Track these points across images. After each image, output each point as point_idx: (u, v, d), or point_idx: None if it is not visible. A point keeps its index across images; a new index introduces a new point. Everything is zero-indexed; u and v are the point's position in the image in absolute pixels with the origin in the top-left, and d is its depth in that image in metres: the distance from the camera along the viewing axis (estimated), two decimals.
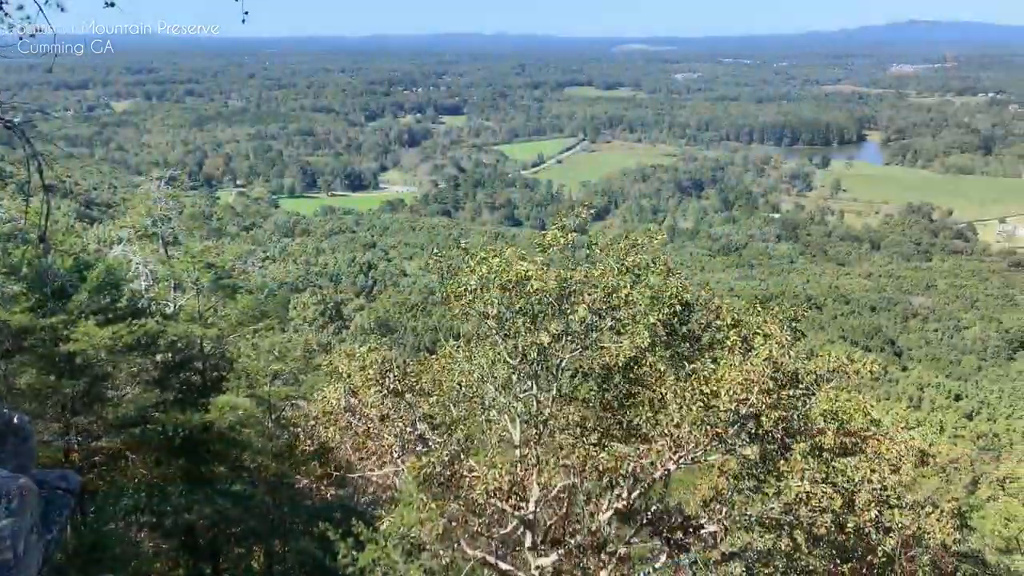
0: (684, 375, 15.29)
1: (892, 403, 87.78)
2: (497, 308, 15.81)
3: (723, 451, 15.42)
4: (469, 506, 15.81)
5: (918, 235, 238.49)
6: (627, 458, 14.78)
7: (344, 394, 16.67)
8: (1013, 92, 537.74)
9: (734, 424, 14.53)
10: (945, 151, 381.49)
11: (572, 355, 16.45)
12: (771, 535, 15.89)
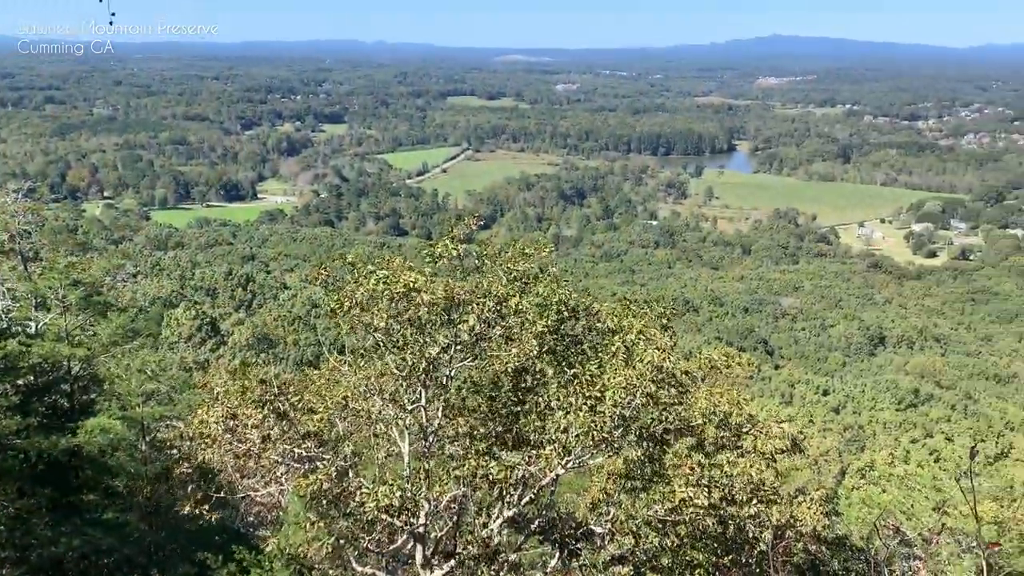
0: (569, 380, 15.54)
1: (766, 400, 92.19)
2: (385, 320, 15.61)
3: (610, 453, 15.75)
4: (359, 523, 15.51)
5: (785, 239, 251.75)
6: (517, 466, 14.88)
7: (222, 416, 16.02)
8: (868, 104, 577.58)
9: (619, 427, 14.86)
10: (808, 159, 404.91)
11: (462, 365, 16.43)
12: (657, 535, 16.33)
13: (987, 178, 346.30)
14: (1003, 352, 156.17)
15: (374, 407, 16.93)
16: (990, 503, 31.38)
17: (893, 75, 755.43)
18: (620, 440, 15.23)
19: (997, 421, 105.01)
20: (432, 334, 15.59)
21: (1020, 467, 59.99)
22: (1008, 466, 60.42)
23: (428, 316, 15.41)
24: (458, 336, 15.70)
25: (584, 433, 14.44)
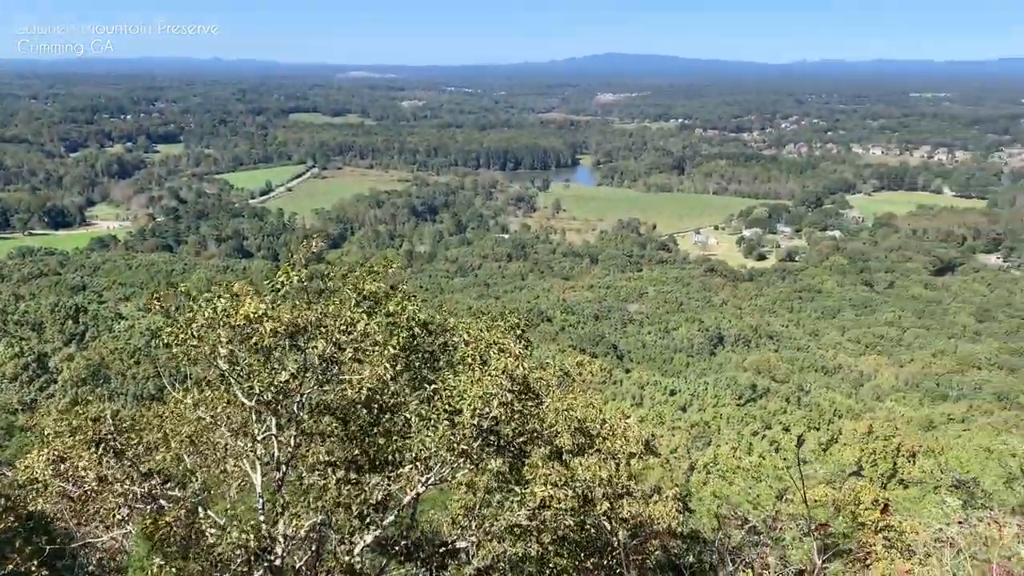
0: (426, 396, 15.46)
1: (619, 402, 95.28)
2: (228, 349, 14.96)
3: (471, 466, 15.78)
4: (212, 562, 14.73)
5: (629, 248, 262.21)
6: (376, 488, 14.63)
7: (50, 459, 14.81)
8: (699, 117, 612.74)
9: (478, 438, 14.93)
10: (646, 172, 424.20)
11: (313, 390, 15.98)
12: (521, 543, 16.49)
13: (807, 184, 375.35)
14: (829, 345, 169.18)
15: (222, 440, 16.18)
16: (824, 487, 33.83)
17: (720, 90, 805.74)
18: (480, 452, 15.30)
19: (827, 409, 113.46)
20: (280, 360, 15.09)
21: (848, 450, 65.07)
22: (838, 450, 65.41)
23: (274, 342, 14.90)
24: (308, 361, 15.28)
25: (443, 448, 14.40)
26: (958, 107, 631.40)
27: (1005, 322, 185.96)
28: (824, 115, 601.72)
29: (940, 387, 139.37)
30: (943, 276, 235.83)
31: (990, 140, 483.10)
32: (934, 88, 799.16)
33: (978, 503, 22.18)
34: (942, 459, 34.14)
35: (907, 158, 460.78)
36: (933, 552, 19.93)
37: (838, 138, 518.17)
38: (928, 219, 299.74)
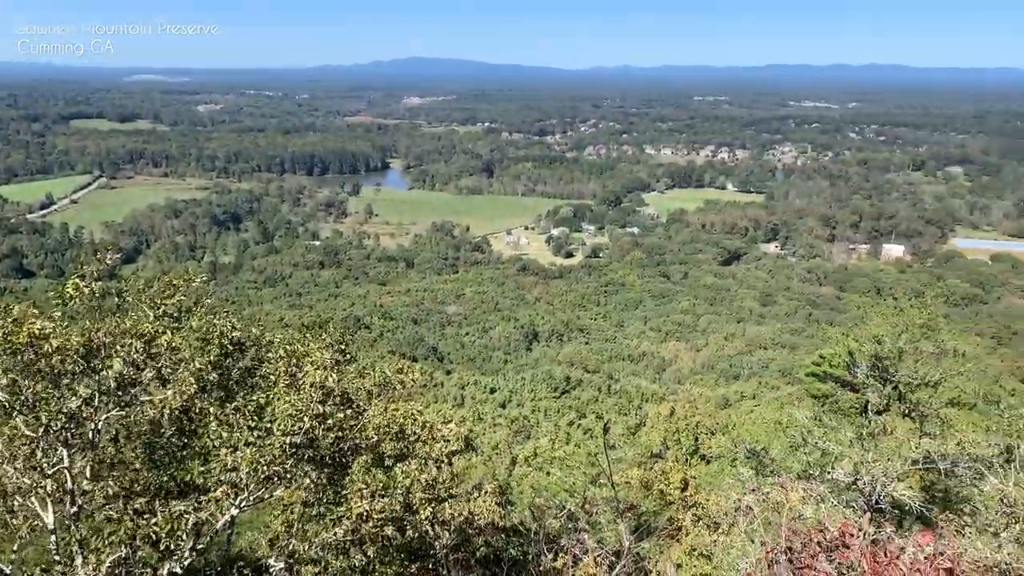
0: (234, 413, 14.80)
1: (440, 404, 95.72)
2: (9, 378, 13.59)
3: (286, 484, 15.29)
4: None
5: (444, 251, 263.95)
6: (183, 515, 13.83)
7: None
8: (504, 121, 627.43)
9: (292, 455, 14.49)
10: (457, 175, 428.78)
11: (110, 415, 14.84)
12: (343, 557, 16.19)
13: (607, 184, 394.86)
14: (633, 335, 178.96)
15: (6, 476, 14.67)
16: (635, 469, 35.82)
17: (523, 95, 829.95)
18: (295, 468, 14.86)
19: (635, 395, 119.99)
20: (71, 386, 13.90)
21: (655, 432, 69.20)
22: (646, 433, 69.41)
23: (63, 366, 13.70)
24: (102, 384, 14.17)
25: (253, 468, 13.84)
26: (736, 109, 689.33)
27: (785, 304, 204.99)
28: (619, 118, 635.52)
29: (732, 367, 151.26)
30: (730, 265, 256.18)
31: (764, 139, 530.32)
32: (714, 92, 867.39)
33: (768, 471, 24.38)
34: (734, 434, 37.26)
35: (694, 157, 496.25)
36: (734, 521, 21.68)
37: (632, 140, 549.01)
38: (715, 213, 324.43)
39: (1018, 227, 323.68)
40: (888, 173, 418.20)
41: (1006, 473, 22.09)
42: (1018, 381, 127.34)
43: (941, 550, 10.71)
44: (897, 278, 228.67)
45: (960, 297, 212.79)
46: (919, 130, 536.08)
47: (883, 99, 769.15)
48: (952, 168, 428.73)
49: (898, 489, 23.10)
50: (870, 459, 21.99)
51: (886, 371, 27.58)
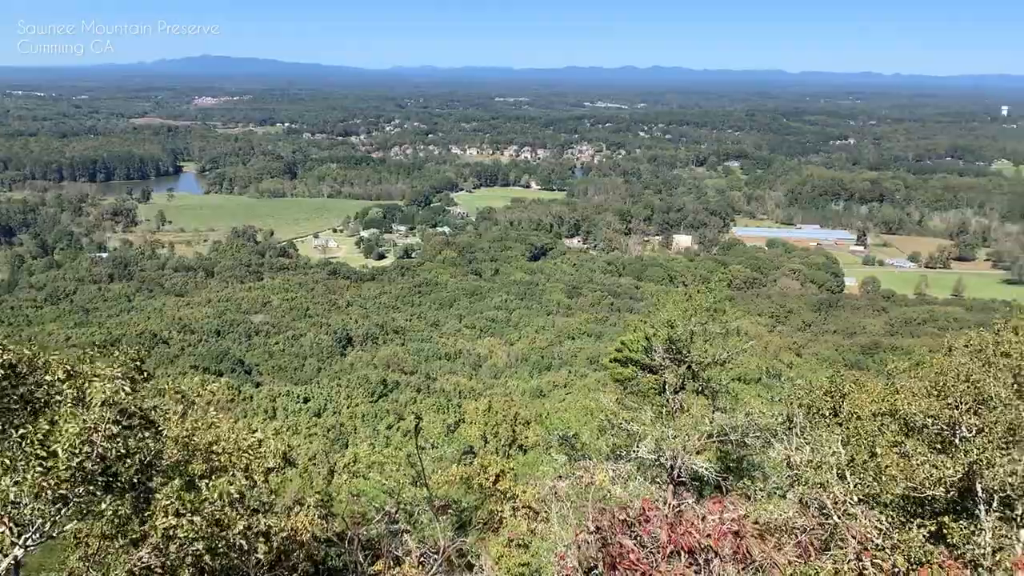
0: (12, 443, 13.41)
1: (251, 419, 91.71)
2: None
3: (79, 515, 14.08)
4: None
5: (247, 257, 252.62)
6: None
7: None
8: (305, 122, 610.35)
9: (84, 481, 13.35)
10: (257, 177, 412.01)
11: None
12: None
13: (415, 185, 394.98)
14: (449, 333, 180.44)
15: None
16: (455, 466, 36.20)
17: (324, 95, 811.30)
18: (87, 497, 13.71)
19: (453, 393, 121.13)
20: None
21: (474, 427, 70.29)
22: (465, 429, 70.33)
23: None
24: None
25: (35, 495, 12.61)
26: (535, 110, 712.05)
27: (589, 296, 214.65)
28: (424, 118, 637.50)
29: (544, 359, 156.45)
30: (538, 261, 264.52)
31: (563, 139, 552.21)
32: (514, 93, 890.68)
33: (579, 456, 25.52)
34: (548, 422, 38.68)
35: (499, 157, 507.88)
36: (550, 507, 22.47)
37: (438, 140, 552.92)
38: (521, 211, 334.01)
39: (788, 215, 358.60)
40: (675, 169, 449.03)
41: (789, 439, 24.46)
42: (794, 355, 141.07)
43: (729, 515, 11.73)
44: (687, 266, 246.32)
45: (742, 281, 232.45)
46: (700, 128, 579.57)
47: (667, 100, 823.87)
48: (730, 163, 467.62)
49: (696, 462, 24.93)
50: (670, 436, 23.59)
51: (680, 353, 29.70)
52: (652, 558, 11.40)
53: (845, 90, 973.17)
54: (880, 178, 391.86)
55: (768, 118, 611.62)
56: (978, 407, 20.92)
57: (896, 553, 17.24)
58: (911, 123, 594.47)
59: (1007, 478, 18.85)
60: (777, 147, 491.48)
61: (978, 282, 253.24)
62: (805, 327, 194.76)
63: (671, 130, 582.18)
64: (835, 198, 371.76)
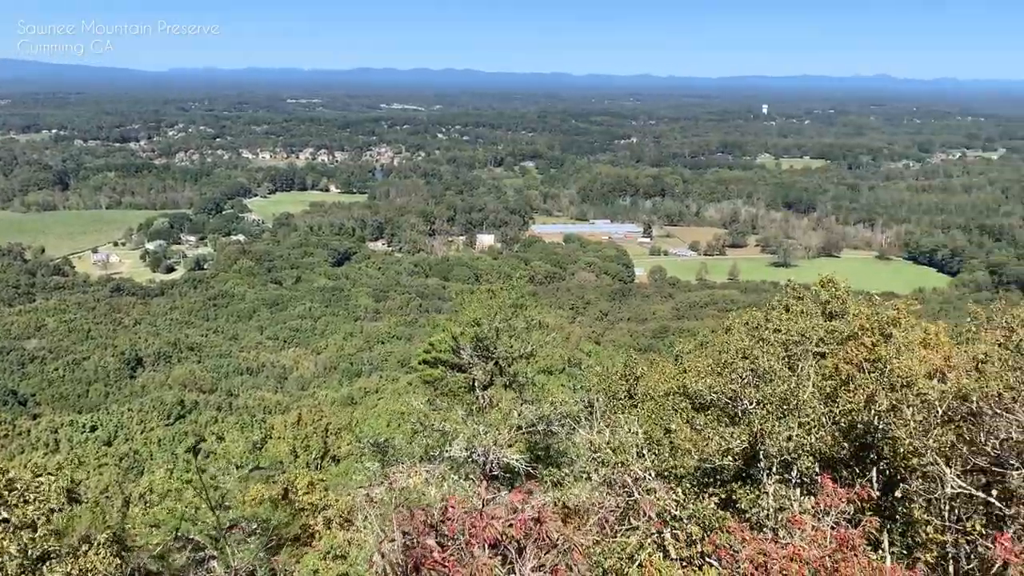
0: None
1: (28, 455, 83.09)
2: None
3: None
4: None
5: (15, 277, 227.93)
6: None
7: None
8: (76, 128, 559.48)
9: None
10: (22, 189, 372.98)
11: None
12: None
13: (204, 192, 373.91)
14: (250, 347, 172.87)
15: None
16: (262, 484, 34.79)
17: (95, 98, 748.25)
18: None
19: (258, 409, 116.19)
20: None
21: (283, 443, 67.84)
22: (274, 445, 67.70)
23: None
24: None
25: None
26: (330, 112, 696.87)
27: (397, 299, 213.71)
28: (210, 122, 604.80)
29: (354, 365, 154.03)
30: (342, 266, 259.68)
31: (361, 141, 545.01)
32: (306, 95, 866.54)
33: (393, 461, 25.35)
34: (358, 429, 38.17)
35: (294, 160, 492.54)
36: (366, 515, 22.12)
37: (227, 144, 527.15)
38: (321, 215, 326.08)
39: (581, 211, 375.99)
40: (474, 169, 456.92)
41: (591, 424, 25.65)
42: (594, 343, 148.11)
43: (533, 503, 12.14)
44: (492, 264, 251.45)
45: (543, 276, 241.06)
46: (496, 129, 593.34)
47: (462, 101, 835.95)
48: (526, 163, 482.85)
49: (507, 454, 25.54)
50: (481, 432, 24.01)
51: (487, 349, 30.30)
52: (457, 555, 11.56)
53: (626, 92, 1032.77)
54: (661, 174, 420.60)
55: (558, 119, 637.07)
56: (756, 380, 22.97)
57: (691, 522, 18.63)
58: (686, 122, 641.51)
59: (785, 444, 20.83)
60: (568, 147, 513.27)
61: (750, 266, 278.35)
62: (602, 316, 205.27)
63: (468, 131, 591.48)
64: (623, 194, 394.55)
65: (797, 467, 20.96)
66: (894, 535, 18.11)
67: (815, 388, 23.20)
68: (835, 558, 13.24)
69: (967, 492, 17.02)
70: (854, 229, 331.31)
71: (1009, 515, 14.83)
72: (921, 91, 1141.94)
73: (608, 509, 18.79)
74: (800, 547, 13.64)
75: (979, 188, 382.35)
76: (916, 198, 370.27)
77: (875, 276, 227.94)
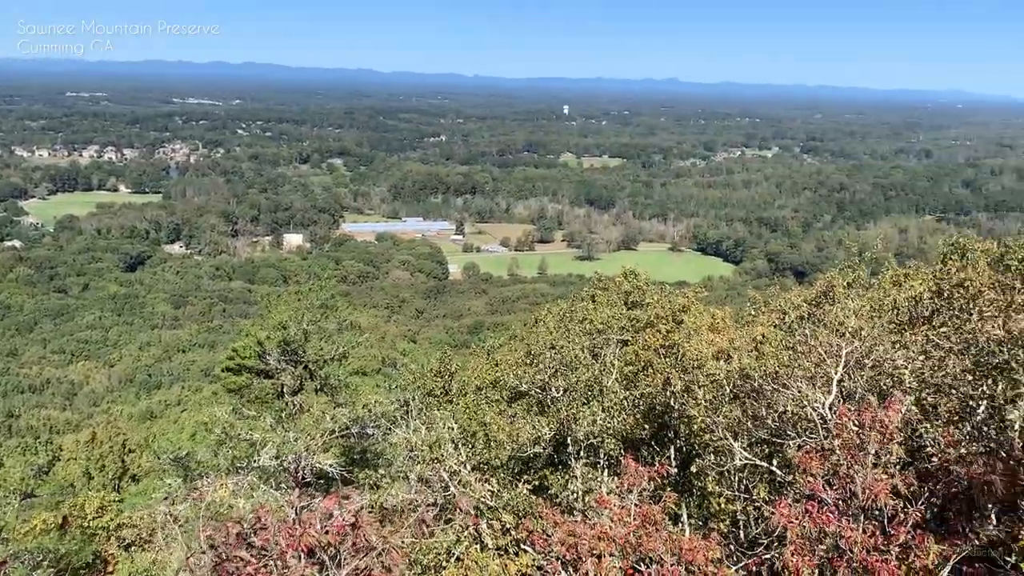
0: None
1: None
2: None
3: None
4: None
5: None
6: None
7: None
8: None
9: None
10: None
11: None
12: None
13: None
14: (32, 362, 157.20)
15: None
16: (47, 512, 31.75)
17: None
18: None
19: (43, 429, 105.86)
20: None
21: (74, 464, 62.23)
22: (63, 468, 61.92)
23: None
24: None
25: None
26: (116, 107, 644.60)
27: (198, 304, 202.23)
28: None
29: (153, 377, 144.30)
30: (135, 271, 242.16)
31: (153, 137, 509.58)
32: (88, 88, 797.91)
33: (197, 475, 24.00)
34: (156, 445, 35.85)
35: (77, 158, 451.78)
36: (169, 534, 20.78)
37: None
38: (110, 217, 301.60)
39: (393, 209, 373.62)
40: (279, 167, 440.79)
41: (407, 423, 25.58)
42: (409, 342, 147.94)
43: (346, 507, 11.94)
44: (300, 265, 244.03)
45: (356, 275, 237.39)
46: (301, 125, 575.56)
47: (264, 96, 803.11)
48: (334, 160, 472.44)
49: (321, 460, 24.92)
50: (292, 439, 23.26)
51: (296, 353, 29.39)
52: (271, 565, 11.17)
53: (434, 90, 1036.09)
54: (471, 172, 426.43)
55: (367, 116, 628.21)
56: (563, 369, 23.89)
57: (506, 511, 19.06)
58: (492, 121, 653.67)
59: (591, 428, 21.81)
60: (377, 144, 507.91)
61: (558, 260, 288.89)
62: (418, 314, 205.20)
63: (271, 128, 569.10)
64: (434, 192, 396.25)
65: (603, 450, 22.02)
66: (691, 508, 19.43)
67: (618, 374, 24.48)
68: (639, 534, 14.02)
69: (753, 463, 18.56)
70: (649, 223, 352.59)
71: (788, 481, 16.34)
72: (705, 94, 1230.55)
73: (426, 506, 18.83)
74: (607, 526, 14.33)
75: (757, 184, 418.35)
76: (703, 194, 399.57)
77: (669, 267, 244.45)
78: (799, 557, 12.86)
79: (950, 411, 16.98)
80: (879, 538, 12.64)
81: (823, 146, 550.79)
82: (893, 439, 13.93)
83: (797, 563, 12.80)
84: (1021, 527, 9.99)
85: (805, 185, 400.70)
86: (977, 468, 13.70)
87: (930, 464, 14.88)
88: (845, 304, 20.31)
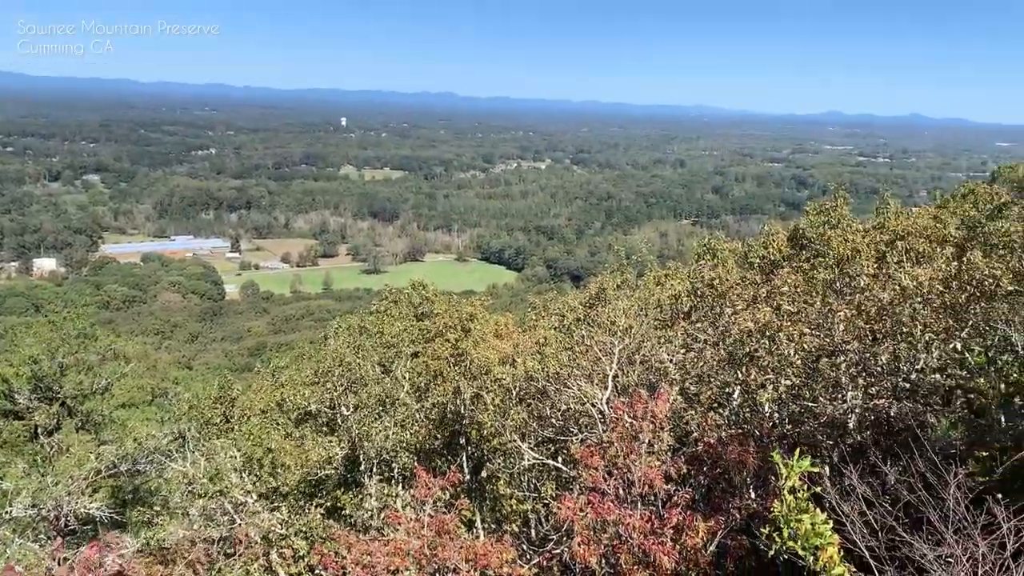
0: None
1: None
2: None
3: None
4: None
5: None
6: None
7: None
8: None
9: None
10: None
11: None
12: None
13: None
14: None
15: None
16: None
17: None
18: None
19: None
20: None
21: None
22: None
23: None
24: None
25: None
26: None
27: None
28: None
29: None
30: None
31: None
32: None
33: None
34: None
35: None
36: None
37: None
38: None
39: (160, 228, 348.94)
40: (24, 185, 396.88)
41: (184, 455, 23.90)
42: (184, 368, 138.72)
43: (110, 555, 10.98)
44: (56, 292, 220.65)
45: (121, 301, 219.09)
46: (49, 140, 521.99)
47: (4, 108, 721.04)
48: (90, 176, 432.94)
49: (86, 505, 22.71)
50: (49, 483, 20.98)
51: (50, 389, 26.49)
52: None
53: (201, 101, 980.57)
54: (245, 186, 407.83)
55: (126, 129, 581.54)
56: (354, 386, 23.46)
57: (298, 537, 18.38)
58: (266, 132, 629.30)
59: (383, 444, 21.58)
60: (139, 159, 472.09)
61: (342, 274, 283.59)
62: (193, 339, 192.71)
63: (12, 142, 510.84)
64: (205, 207, 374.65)
65: (397, 464, 21.86)
66: (485, 512, 19.80)
67: (410, 386, 24.45)
68: (434, 545, 14.06)
69: (540, 462, 19.24)
70: (434, 234, 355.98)
71: (573, 477, 17.10)
72: (480, 108, 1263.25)
73: (208, 542, 17.71)
74: (402, 541, 14.23)
75: (533, 194, 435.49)
76: (484, 204, 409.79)
77: (456, 277, 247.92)
78: (585, 547, 13.50)
79: (710, 398, 18.65)
80: (655, 522, 13.57)
81: (591, 157, 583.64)
82: (663, 428, 15.01)
83: (584, 553, 13.43)
84: (772, 500, 11.19)
85: (576, 195, 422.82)
86: (734, 449, 15.10)
87: (696, 448, 16.19)
88: (616, 305, 21.63)
